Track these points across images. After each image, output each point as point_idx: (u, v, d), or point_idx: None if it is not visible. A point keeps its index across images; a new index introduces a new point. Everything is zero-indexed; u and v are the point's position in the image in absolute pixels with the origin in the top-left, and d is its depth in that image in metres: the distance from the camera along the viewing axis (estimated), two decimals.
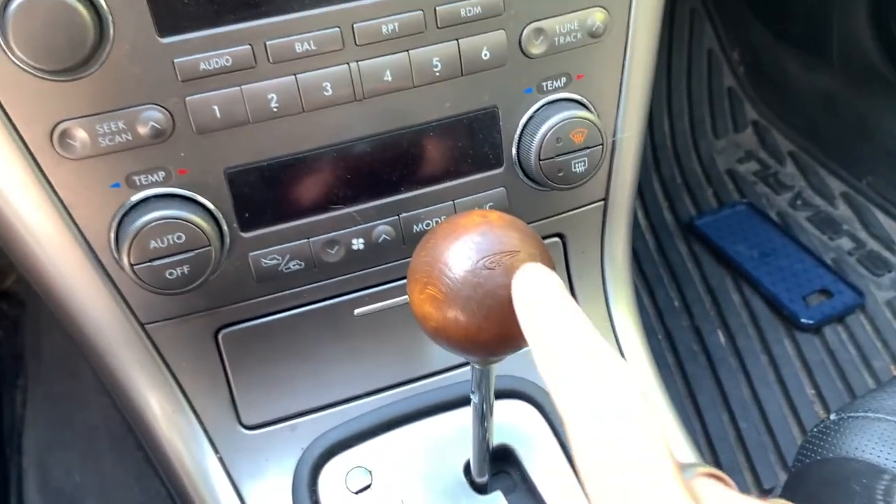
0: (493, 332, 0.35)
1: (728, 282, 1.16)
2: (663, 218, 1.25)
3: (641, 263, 1.19)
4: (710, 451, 0.99)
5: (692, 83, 1.40)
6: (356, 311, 0.51)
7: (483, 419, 0.45)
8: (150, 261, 0.43)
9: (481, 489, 0.48)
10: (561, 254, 0.55)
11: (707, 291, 1.15)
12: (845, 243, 1.22)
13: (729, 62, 1.45)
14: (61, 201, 0.43)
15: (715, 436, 1.01)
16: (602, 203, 0.55)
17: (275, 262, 0.47)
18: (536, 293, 0.31)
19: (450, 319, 0.35)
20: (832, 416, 0.66)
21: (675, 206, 1.27)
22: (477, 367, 0.41)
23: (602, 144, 0.49)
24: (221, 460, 0.49)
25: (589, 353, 0.27)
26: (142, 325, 0.47)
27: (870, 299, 1.13)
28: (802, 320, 1.09)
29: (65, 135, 0.41)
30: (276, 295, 0.49)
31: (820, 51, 1.33)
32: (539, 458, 0.50)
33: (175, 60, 0.41)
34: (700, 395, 1.04)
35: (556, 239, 0.55)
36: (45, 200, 0.42)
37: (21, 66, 0.39)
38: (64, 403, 0.94)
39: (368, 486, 0.48)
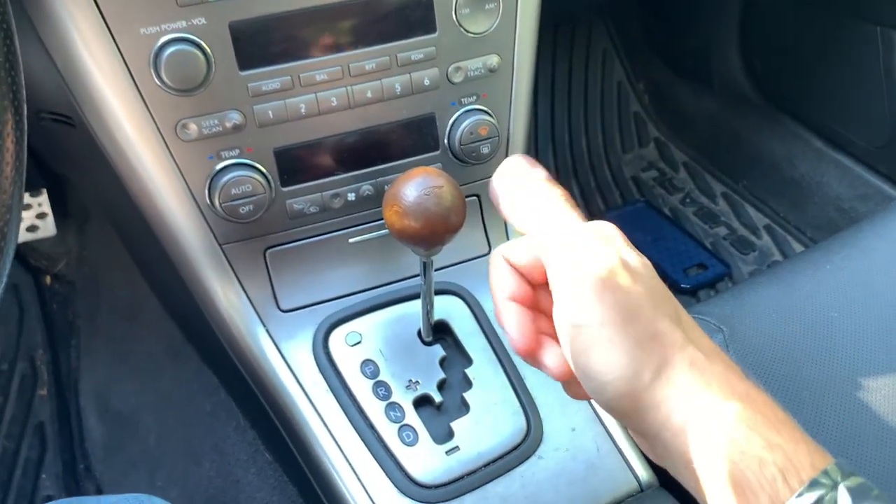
0: (427, 231, 0.60)
1: None
2: None
3: None
4: None
5: (605, 109, 1.69)
6: (350, 240, 0.77)
7: (427, 299, 0.74)
8: (230, 201, 0.69)
9: (428, 345, 0.76)
10: (478, 207, 0.82)
11: None
12: (721, 231, 1.52)
13: (635, 92, 1.73)
14: (178, 166, 0.66)
15: None
16: None
17: (301, 206, 0.72)
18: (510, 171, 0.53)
19: (406, 224, 0.60)
20: None
21: (590, 205, 1.58)
22: (422, 259, 0.70)
23: (499, 136, 0.77)
24: (267, 330, 0.74)
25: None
26: (220, 244, 0.72)
27: (736, 271, 1.44)
28: (682, 285, 1.39)
29: (183, 127, 0.65)
30: (301, 228, 0.74)
31: (705, 82, 1.62)
32: (463, 328, 0.77)
33: (248, 84, 0.65)
34: None
35: (475, 197, 0.81)
36: (168, 166, 0.67)
37: (163, 87, 0.63)
38: (120, 347, 1.18)
39: (359, 342, 0.74)
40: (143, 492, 0.96)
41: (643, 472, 0.73)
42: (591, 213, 1.56)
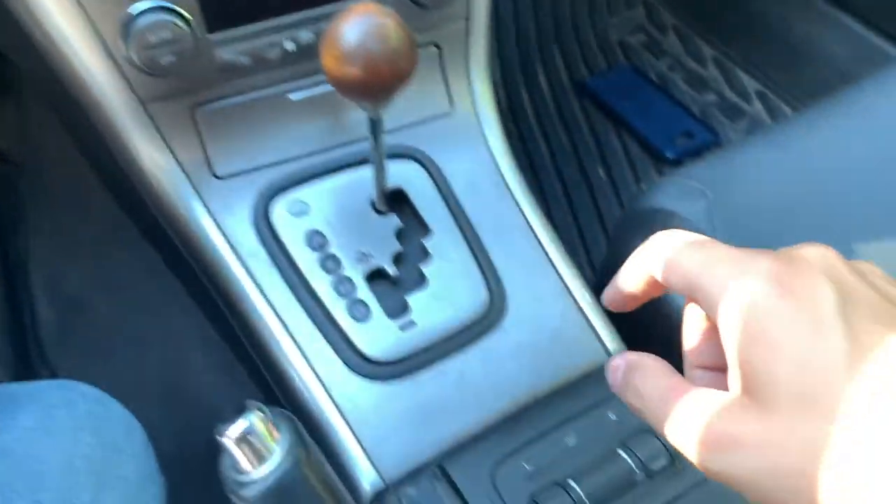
0: (371, 78, 0.52)
1: (610, 130, 1.38)
2: (561, 80, 1.46)
3: (540, 118, 1.40)
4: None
5: None
6: (291, 97, 0.69)
7: (379, 163, 0.66)
8: (148, 50, 0.60)
9: (383, 215, 0.70)
10: (437, 59, 0.74)
11: (592, 136, 1.37)
12: (711, 97, 1.44)
13: None
14: (86, 12, 0.59)
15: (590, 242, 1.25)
16: (465, 21, 0.73)
17: (231, 57, 0.63)
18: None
19: (346, 71, 0.52)
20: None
21: (572, 72, 1.48)
22: (370, 115, 0.62)
23: None
24: (201, 198, 0.67)
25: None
26: (141, 101, 0.64)
27: (725, 140, 1.36)
28: (667, 155, 1.32)
29: None
30: (234, 82, 0.66)
31: None
32: (421, 196, 0.71)
33: None
34: (580, 214, 1.27)
35: (433, 47, 0.73)
36: (75, 12, 0.58)
37: None
38: (67, 229, 1.11)
39: (305, 212, 0.68)
40: (97, 376, 0.91)
41: (611, 342, 0.68)
42: (573, 80, 1.46)
